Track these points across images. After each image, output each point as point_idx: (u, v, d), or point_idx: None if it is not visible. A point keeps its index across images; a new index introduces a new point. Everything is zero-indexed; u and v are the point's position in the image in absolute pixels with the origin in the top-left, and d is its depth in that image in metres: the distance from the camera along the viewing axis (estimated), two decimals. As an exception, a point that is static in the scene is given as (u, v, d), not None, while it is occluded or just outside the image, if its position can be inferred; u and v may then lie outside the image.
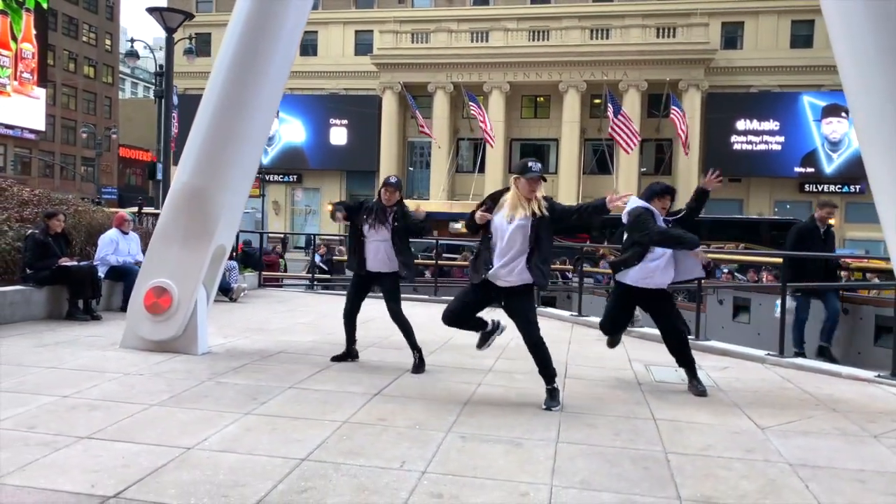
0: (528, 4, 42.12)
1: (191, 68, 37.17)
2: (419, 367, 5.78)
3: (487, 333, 5.09)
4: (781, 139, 38.70)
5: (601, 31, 39.44)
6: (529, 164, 4.72)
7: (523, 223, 4.66)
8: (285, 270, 17.62)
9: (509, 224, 4.67)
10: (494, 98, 39.30)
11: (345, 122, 42.69)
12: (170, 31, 10.63)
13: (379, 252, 5.75)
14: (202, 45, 39.24)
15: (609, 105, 34.76)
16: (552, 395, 4.77)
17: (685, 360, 5.48)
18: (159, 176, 21.06)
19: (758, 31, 39.91)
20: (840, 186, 38.79)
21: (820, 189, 38.90)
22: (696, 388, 5.33)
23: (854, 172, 37.57)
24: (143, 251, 9.04)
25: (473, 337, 5.30)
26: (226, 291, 9.74)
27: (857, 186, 38.17)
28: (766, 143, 38.99)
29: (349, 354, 6.15)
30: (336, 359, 6.11)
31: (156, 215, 15.48)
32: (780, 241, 25.79)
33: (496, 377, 5.67)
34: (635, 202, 5.47)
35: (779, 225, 30.05)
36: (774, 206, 39.64)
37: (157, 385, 4.98)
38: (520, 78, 39.53)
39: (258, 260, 12.77)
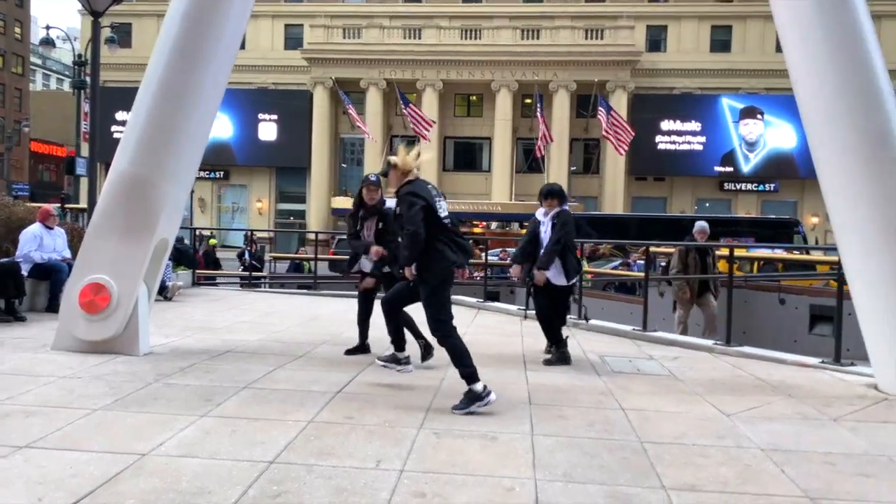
0: (460, 3, 42.21)
1: (111, 60, 35.47)
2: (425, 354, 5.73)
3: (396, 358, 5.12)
4: (703, 139, 40.13)
5: (532, 32, 39.93)
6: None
7: None
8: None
9: None
10: (428, 96, 39.19)
11: (274, 117, 41.63)
12: (96, 14, 10.00)
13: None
14: (123, 37, 37.52)
15: (538, 105, 35.30)
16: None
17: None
18: (80, 170, 20.02)
19: (680, 36, 41.28)
20: (756, 185, 40.59)
21: (738, 188, 40.64)
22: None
23: (769, 172, 39.53)
24: (70, 248, 8.52)
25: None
26: (161, 290, 9.22)
27: (772, 185, 40.13)
28: (689, 142, 40.34)
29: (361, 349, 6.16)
30: (350, 352, 6.12)
31: (82, 210, 14.64)
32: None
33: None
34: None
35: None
36: (695, 204, 41.10)
37: (98, 388, 4.63)
38: (453, 76, 39.56)
39: (192, 258, 12.23)
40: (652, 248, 10.22)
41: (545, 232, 6.29)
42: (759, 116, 39.53)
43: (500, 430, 3.98)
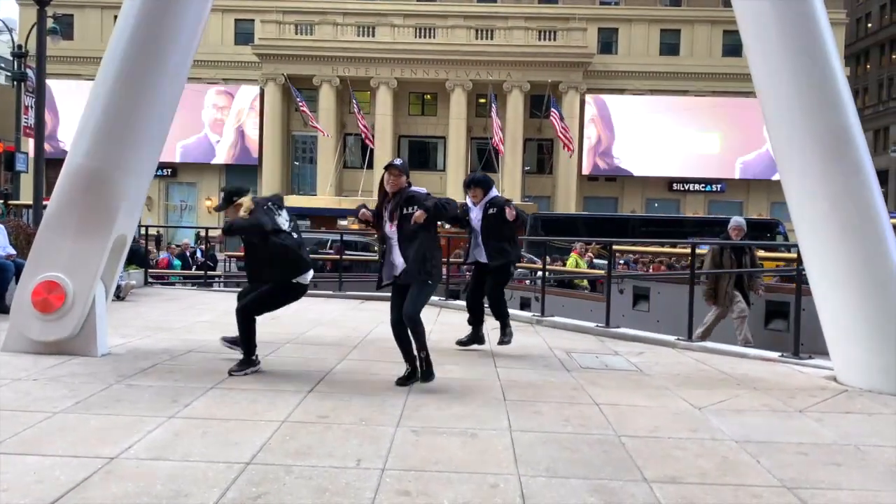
0: (414, 2, 42.08)
1: (52, 52, 34.19)
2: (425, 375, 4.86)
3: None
4: (652, 141, 40.94)
5: (486, 32, 40.09)
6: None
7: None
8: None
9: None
10: (382, 94, 38.98)
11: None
12: (42, 3, 9.58)
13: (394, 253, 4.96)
14: (65, 28, 36.18)
15: (493, 105, 35.56)
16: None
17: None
18: (20, 166, 19.26)
19: (630, 38, 42.04)
20: (703, 186, 41.66)
21: (686, 188, 41.64)
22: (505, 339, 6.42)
23: (715, 173, 40.65)
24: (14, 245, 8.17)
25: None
26: (113, 289, 8.90)
27: (718, 186, 41.27)
28: (639, 144, 41.13)
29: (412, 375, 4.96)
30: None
31: (26, 206, 14.03)
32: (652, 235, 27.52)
33: (428, 369, 5.49)
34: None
35: (648, 221, 32.14)
36: (645, 204, 41.91)
37: (56, 391, 4.42)
38: (407, 74, 39.42)
39: (143, 256, 11.85)
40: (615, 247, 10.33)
41: (476, 219, 6.45)
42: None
43: (479, 427, 3.95)
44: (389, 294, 5.06)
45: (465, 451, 3.56)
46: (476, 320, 6.59)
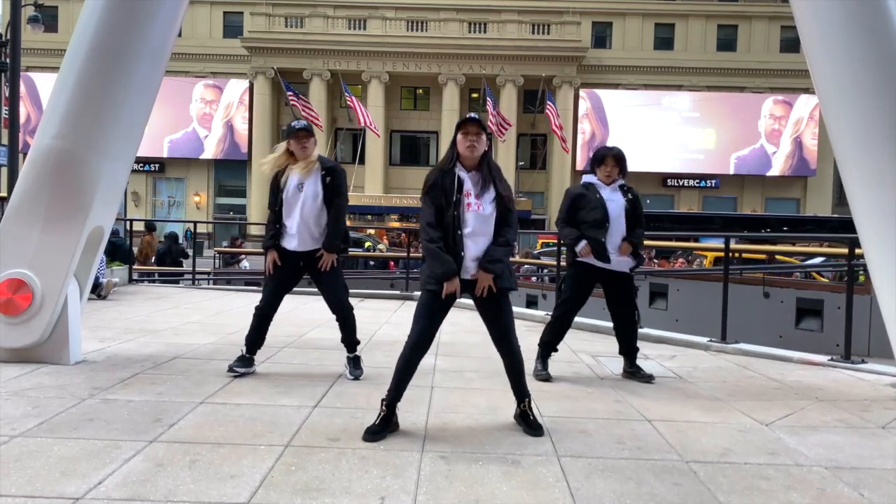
0: (406, -6, 41.38)
1: (35, 44, 33.45)
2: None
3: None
4: (647, 136, 40.48)
5: (479, 25, 39.48)
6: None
7: None
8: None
9: None
10: (373, 88, 38.30)
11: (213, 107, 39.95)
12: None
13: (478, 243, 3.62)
14: (48, 20, 35.22)
15: (488, 99, 34.92)
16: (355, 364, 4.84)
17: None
18: (1, 160, 18.45)
19: (625, 32, 41.55)
20: (698, 182, 41.25)
21: (681, 184, 41.21)
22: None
23: (709, 169, 40.26)
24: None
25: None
26: (94, 287, 8.24)
27: (713, 182, 40.87)
28: (634, 139, 40.64)
29: None
30: None
31: (2, 198, 13.29)
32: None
33: (445, 378, 4.88)
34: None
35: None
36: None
37: (18, 408, 3.77)
38: (399, 68, 38.77)
39: (128, 252, 11.15)
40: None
41: (618, 206, 4.96)
42: (697, 114, 40.15)
43: (519, 452, 3.34)
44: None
45: (510, 484, 2.94)
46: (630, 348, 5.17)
